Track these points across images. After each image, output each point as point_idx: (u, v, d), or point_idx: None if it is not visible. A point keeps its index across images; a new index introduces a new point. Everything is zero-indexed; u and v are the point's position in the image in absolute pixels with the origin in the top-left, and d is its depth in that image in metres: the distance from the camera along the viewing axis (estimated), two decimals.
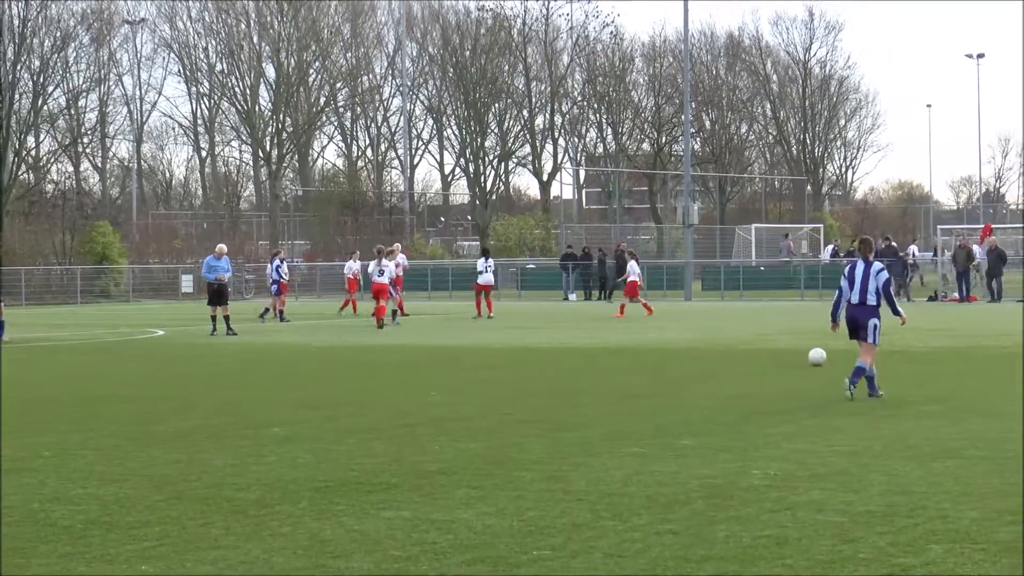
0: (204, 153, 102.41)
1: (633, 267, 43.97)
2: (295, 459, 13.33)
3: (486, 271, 43.76)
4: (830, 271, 62.47)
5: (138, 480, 12.25)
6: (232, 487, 11.78)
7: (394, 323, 38.87)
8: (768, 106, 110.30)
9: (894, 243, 55.70)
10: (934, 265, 56.49)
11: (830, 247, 71.25)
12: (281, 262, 44.12)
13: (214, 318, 35.48)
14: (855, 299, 18.28)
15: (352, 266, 49.53)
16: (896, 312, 18.53)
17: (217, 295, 35.74)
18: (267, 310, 43.16)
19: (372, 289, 39.21)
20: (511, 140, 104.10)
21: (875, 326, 18.21)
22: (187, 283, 67.17)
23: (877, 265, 18.42)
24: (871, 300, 18.18)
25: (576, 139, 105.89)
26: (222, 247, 37.55)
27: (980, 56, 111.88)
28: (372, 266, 39.51)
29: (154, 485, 11.96)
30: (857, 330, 18.29)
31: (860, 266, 18.39)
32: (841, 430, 14.95)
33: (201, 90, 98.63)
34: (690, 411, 17.04)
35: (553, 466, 12.66)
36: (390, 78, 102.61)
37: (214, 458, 13.44)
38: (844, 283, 18.50)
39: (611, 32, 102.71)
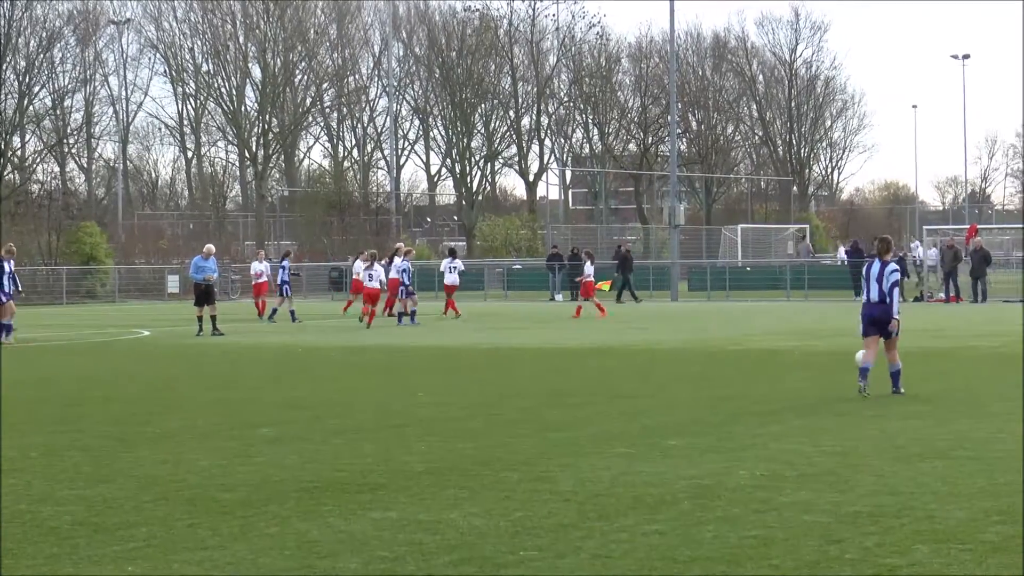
0: (190, 153, 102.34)
1: (588, 267, 44.05)
2: (282, 460, 13.32)
3: (450, 271, 43.50)
4: (817, 272, 62.65)
5: (125, 481, 12.23)
6: (219, 488, 11.76)
7: (401, 324, 38.58)
8: (754, 107, 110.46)
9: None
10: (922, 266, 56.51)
11: (842, 249, 71.31)
12: (286, 266, 43.94)
13: (200, 319, 35.43)
14: (875, 297, 18.56)
15: (360, 266, 48.90)
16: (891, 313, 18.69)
17: (204, 295, 35.67)
18: (292, 312, 42.60)
19: (363, 292, 39.30)
20: (497, 141, 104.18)
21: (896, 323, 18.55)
22: (173, 283, 67.12)
23: (892, 265, 18.68)
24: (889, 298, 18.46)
25: (562, 140, 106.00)
26: (210, 247, 37.47)
27: (965, 57, 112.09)
28: (362, 269, 39.69)
29: (141, 486, 11.94)
30: (875, 327, 18.50)
31: (876, 265, 18.66)
32: (828, 430, 14.97)
33: (187, 90, 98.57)
34: (677, 411, 17.05)
35: (540, 466, 12.66)
36: (376, 79, 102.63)
37: (201, 459, 13.43)
38: (864, 283, 18.78)
39: (597, 33, 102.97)
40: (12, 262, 33.15)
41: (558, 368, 24.60)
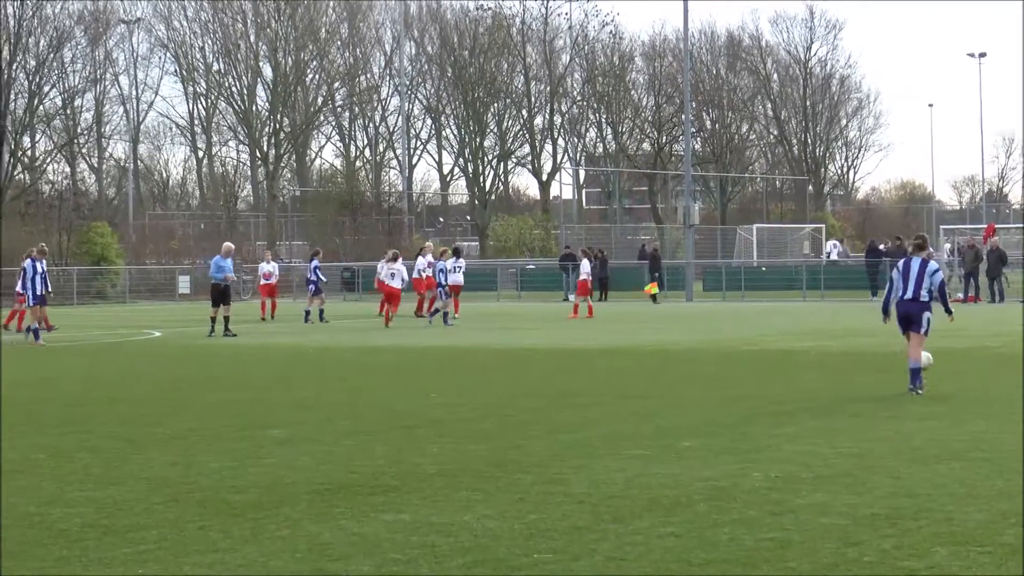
0: (201, 153, 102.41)
1: (584, 266, 44.02)
2: (293, 461, 13.31)
3: (455, 271, 43.43)
4: (832, 272, 62.55)
5: (135, 483, 12.22)
6: (230, 489, 11.75)
7: (447, 324, 38.47)
8: (769, 105, 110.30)
9: (907, 244, 55.64)
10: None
11: (830, 243, 71.29)
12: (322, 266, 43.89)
13: (214, 319, 35.39)
14: (909, 295, 18.60)
15: (382, 266, 48.25)
16: (948, 311, 19.15)
17: (222, 295, 35.65)
18: (307, 312, 42.62)
19: (383, 290, 39.58)
20: (510, 140, 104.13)
21: (928, 319, 18.67)
22: (184, 284, 67.17)
23: (933, 264, 18.75)
24: (924, 296, 18.53)
25: (576, 139, 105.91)
26: (230, 245, 37.45)
27: (982, 55, 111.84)
28: (384, 268, 39.93)
29: (151, 488, 11.93)
30: (910, 325, 18.55)
31: (916, 263, 18.68)
32: (844, 432, 14.93)
33: (198, 90, 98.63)
34: (692, 412, 17.02)
35: (554, 468, 12.64)
36: (388, 77, 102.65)
37: (211, 460, 13.42)
38: (897, 277, 18.75)
39: (610, 31, 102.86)
40: (44, 263, 33.34)
41: (571, 369, 24.58)
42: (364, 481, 12.08)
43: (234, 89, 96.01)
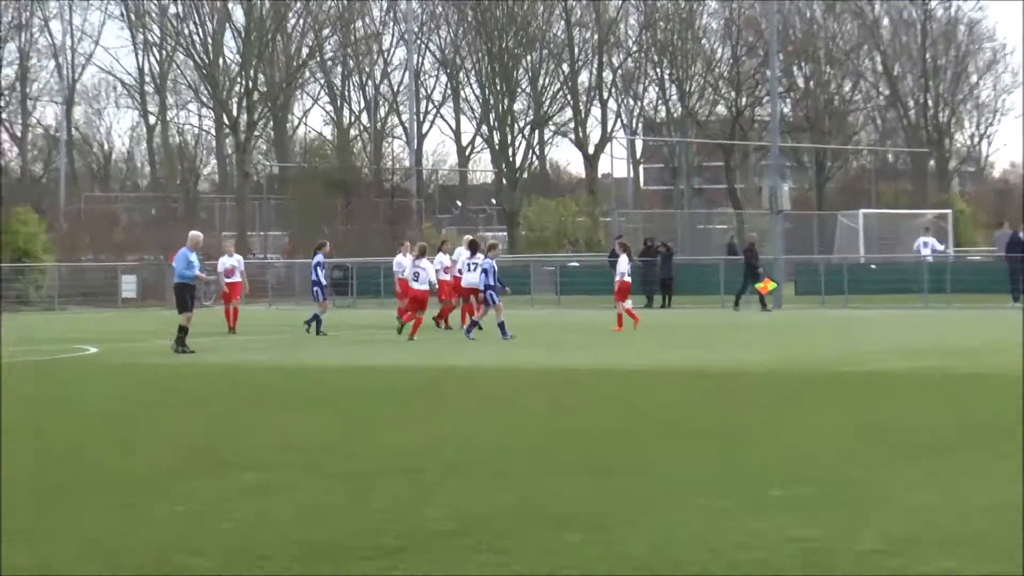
0: (153, 119, 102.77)
1: (622, 264, 44.05)
2: (268, 514, 13.30)
3: (469, 269, 43.42)
4: (961, 271, 62.32)
5: (65, 543, 12.19)
6: (186, 551, 11.73)
7: (468, 336, 38.66)
8: (878, 58, 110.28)
9: None
10: None
11: (922, 240, 70.92)
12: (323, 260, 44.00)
13: (183, 328, 35.47)
14: None
15: (402, 262, 47.39)
16: None
17: (192, 298, 35.96)
18: (315, 318, 42.66)
19: (408, 295, 39.96)
20: (548, 102, 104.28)
21: None
22: (129, 286, 67.29)
23: None
24: None
25: (631, 101, 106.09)
26: (198, 235, 37.64)
27: None
28: (408, 266, 40.24)
29: (85, 550, 11.90)
30: None
31: None
32: (978, 477, 14.84)
33: (150, 39, 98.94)
34: (780, 452, 16.95)
35: (602, 523, 12.60)
36: (392, 23, 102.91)
37: (163, 513, 13.40)
38: None
39: None
40: None
41: (623, 395, 24.57)
42: (359, 540, 12.06)
43: (196, 38, 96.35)
